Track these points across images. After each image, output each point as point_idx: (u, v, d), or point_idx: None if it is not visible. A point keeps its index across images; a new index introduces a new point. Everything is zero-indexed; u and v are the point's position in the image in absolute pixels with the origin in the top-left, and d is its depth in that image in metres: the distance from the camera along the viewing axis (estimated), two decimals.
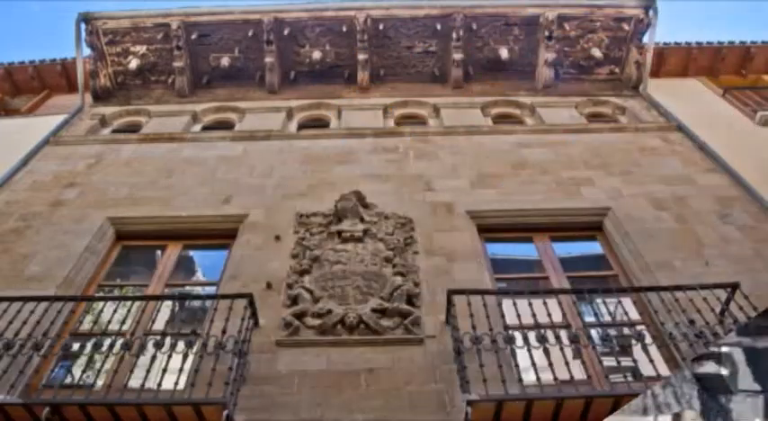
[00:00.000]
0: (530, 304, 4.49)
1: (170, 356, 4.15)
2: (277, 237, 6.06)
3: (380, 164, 7.44)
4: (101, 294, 5.77)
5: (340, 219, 6.11)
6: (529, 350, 4.09)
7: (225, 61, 9.51)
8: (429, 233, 6.09)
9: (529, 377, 4.11)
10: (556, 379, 3.87)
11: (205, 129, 9.04)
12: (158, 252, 6.37)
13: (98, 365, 4.43)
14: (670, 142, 7.91)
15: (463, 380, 3.92)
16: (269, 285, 5.39)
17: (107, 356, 4.27)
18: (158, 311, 5.06)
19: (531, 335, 4.14)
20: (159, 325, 5.07)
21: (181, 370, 4.13)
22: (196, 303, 5.30)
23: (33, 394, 4.50)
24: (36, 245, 6.14)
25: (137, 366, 4.17)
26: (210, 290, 5.85)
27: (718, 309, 4.60)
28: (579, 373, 4.49)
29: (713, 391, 2.41)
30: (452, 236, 6.06)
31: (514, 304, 4.47)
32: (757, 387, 2.33)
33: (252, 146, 7.92)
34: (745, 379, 2.39)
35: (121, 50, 9.65)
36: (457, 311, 4.59)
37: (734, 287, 4.70)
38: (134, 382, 4.18)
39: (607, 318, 5.11)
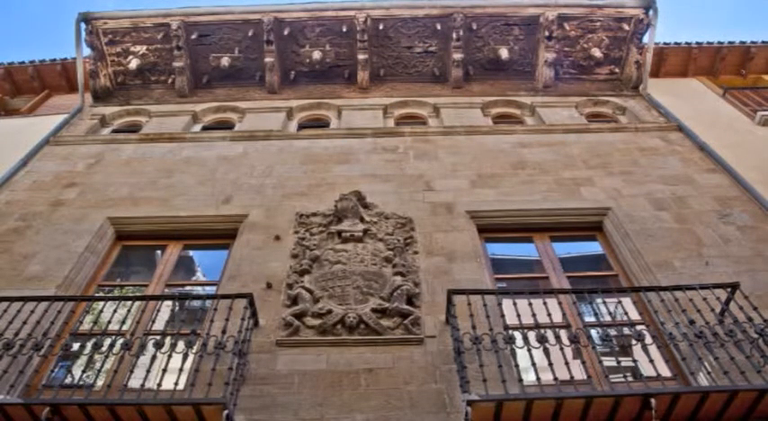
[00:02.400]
0: (530, 304, 4.48)
1: (170, 356, 4.14)
2: (277, 237, 6.06)
3: (380, 164, 7.44)
4: (101, 294, 5.77)
5: (340, 219, 6.10)
6: (529, 350, 4.08)
7: (225, 61, 9.51)
8: (429, 233, 6.09)
9: (529, 377, 4.12)
10: (556, 379, 3.87)
11: (205, 129, 9.05)
12: (158, 252, 6.38)
13: (98, 365, 4.43)
14: (670, 142, 7.92)
15: (463, 380, 3.91)
16: (269, 285, 5.39)
17: (107, 356, 4.26)
18: (158, 311, 5.06)
19: (531, 335, 4.13)
20: (159, 325, 5.07)
21: (181, 370, 4.13)
22: (196, 303, 5.29)
23: (33, 394, 4.50)
24: (36, 245, 6.14)
25: (137, 366, 4.16)
26: (210, 290, 5.86)
27: (718, 309, 4.60)
28: (579, 373, 4.49)
29: None
30: (452, 236, 6.06)
31: (514, 304, 4.46)
32: None
33: (252, 146, 7.92)
34: None
35: (121, 50, 9.65)
36: (457, 311, 4.59)
37: (734, 287, 4.70)
38: (134, 382, 4.18)
39: (607, 318, 5.10)
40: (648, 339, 4.22)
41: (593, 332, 4.90)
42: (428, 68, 9.73)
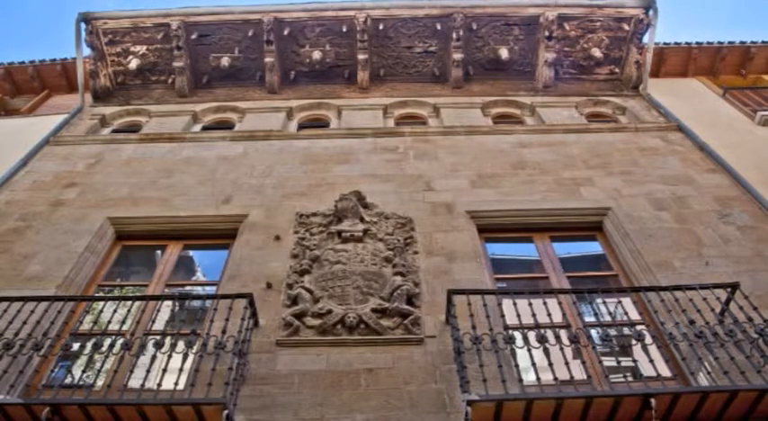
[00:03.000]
0: (530, 304, 4.48)
1: (170, 356, 4.14)
2: (277, 237, 6.06)
3: (380, 164, 7.44)
4: (101, 294, 5.77)
5: (340, 219, 6.10)
6: (529, 350, 4.08)
7: (225, 61, 9.51)
8: (429, 233, 6.09)
9: (529, 377, 4.12)
10: (556, 379, 3.86)
11: (205, 129, 9.05)
12: (158, 252, 6.38)
13: (98, 365, 4.43)
14: (670, 142, 7.92)
15: (463, 380, 3.91)
16: (269, 285, 5.39)
17: (107, 356, 4.26)
18: (158, 311, 5.05)
19: (531, 335, 4.13)
20: (159, 325, 5.07)
21: (181, 370, 4.13)
22: (196, 303, 5.29)
23: (33, 394, 4.51)
24: (36, 245, 6.14)
25: (137, 366, 4.16)
26: (210, 290, 5.86)
27: (718, 309, 4.60)
28: (579, 373, 4.49)
29: None
30: (452, 236, 6.06)
31: (514, 304, 4.46)
32: None
33: (252, 146, 7.93)
34: None
35: (121, 50, 9.65)
36: (457, 311, 4.59)
37: (734, 287, 4.70)
38: (134, 382, 4.18)
39: (607, 318, 5.10)
40: (648, 339, 4.22)
41: (593, 332, 4.90)
42: (428, 68, 9.73)
